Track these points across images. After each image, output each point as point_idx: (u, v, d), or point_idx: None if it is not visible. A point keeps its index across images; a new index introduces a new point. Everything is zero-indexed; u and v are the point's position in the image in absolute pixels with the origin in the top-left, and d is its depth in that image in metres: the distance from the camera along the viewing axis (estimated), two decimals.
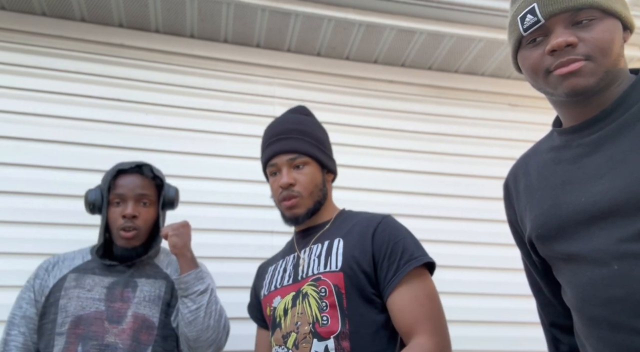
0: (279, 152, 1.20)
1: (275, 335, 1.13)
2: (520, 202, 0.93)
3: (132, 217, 1.31)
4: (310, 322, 1.04)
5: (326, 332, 1.01)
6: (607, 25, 0.75)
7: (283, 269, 1.21)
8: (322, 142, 1.25)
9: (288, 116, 1.29)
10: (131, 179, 1.36)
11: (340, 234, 1.14)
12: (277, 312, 1.14)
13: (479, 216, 2.23)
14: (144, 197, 1.36)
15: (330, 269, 1.07)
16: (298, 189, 1.17)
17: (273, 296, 1.18)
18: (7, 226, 1.79)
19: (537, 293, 1.00)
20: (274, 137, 1.23)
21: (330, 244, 1.13)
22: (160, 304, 1.30)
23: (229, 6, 2.03)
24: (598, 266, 0.72)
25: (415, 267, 1.04)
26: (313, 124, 1.27)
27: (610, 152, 0.75)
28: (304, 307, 1.07)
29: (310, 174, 1.19)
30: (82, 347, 1.18)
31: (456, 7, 2.11)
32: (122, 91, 2.07)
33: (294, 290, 1.12)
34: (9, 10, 2.03)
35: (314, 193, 1.19)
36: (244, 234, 1.99)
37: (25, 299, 1.30)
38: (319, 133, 1.26)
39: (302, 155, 1.19)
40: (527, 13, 0.79)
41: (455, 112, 2.42)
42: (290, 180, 1.16)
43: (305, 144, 1.20)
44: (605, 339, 0.72)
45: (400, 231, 1.12)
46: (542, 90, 0.84)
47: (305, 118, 1.28)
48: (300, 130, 1.22)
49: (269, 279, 1.24)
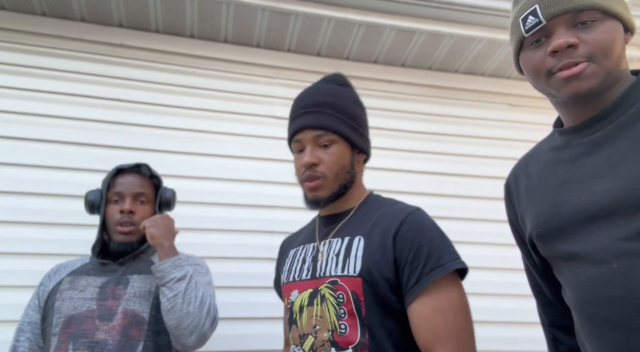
0: (304, 127, 1.07)
1: (292, 333, 1.07)
2: (520, 202, 0.93)
3: (130, 212, 1.36)
4: (329, 329, 0.97)
5: (344, 342, 0.94)
6: (608, 26, 0.76)
7: (302, 259, 1.12)
8: (354, 118, 1.10)
9: (320, 86, 1.14)
10: (130, 178, 1.41)
11: (362, 231, 1.03)
12: (294, 307, 1.07)
13: (479, 216, 2.23)
14: (141, 195, 1.40)
15: (348, 274, 0.98)
16: (322, 169, 1.05)
17: (291, 288, 1.10)
18: (7, 226, 1.79)
19: (537, 293, 1.00)
20: (301, 110, 1.10)
21: (350, 243, 1.03)
22: (150, 299, 1.30)
23: (229, 6, 2.03)
24: (598, 265, 0.73)
25: (442, 276, 0.93)
26: (347, 96, 1.12)
27: (610, 152, 0.75)
28: (323, 310, 0.99)
29: (337, 154, 1.06)
30: (72, 345, 1.20)
31: (456, 7, 2.11)
32: (122, 91, 2.07)
33: (311, 287, 1.04)
34: (9, 10, 2.03)
35: (339, 175, 1.06)
36: (244, 234, 1.99)
37: (31, 306, 1.35)
38: (353, 107, 1.11)
39: (329, 133, 1.05)
40: (529, 14, 0.79)
41: (455, 112, 2.42)
42: (313, 159, 1.05)
43: (333, 120, 1.06)
44: (605, 337, 0.72)
45: (427, 230, 0.99)
46: (544, 91, 0.84)
47: (339, 89, 1.13)
48: (331, 103, 1.08)
49: (288, 266, 1.16)
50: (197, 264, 1.42)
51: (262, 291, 1.92)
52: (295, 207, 2.06)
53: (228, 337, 1.83)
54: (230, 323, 1.85)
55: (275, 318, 1.90)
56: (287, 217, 2.05)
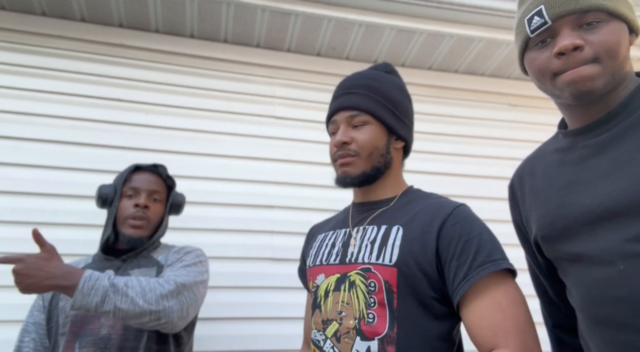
0: (340, 109, 1.06)
1: (315, 317, 1.02)
2: (525, 203, 0.93)
3: (145, 207, 1.37)
4: (356, 317, 0.92)
5: (371, 332, 0.90)
6: (613, 27, 0.76)
7: (332, 244, 1.07)
8: (394, 102, 1.06)
9: (365, 71, 1.13)
10: (146, 175, 1.44)
11: (400, 221, 0.98)
12: (319, 291, 1.03)
13: (479, 216, 2.22)
14: (156, 193, 1.43)
15: (384, 262, 0.93)
16: (354, 147, 1.02)
17: (317, 272, 1.06)
18: (7, 226, 1.79)
19: (541, 294, 1.00)
20: (340, 92, 1.09)
21: (387, 231, 0.98)
22: None
23: (229, 6, 2.03)
24: (604, 266, 0.73)
25: (493, 272, 0.86)
26: (390, 82, 1.09)
27: (616, 154, 0.75)
28: (351, 297, 0.95)
29: (370, 134, 1.02)
30: (79, 344, 1.22)
31: (456, 7, 2.11)
32: (122, 91, 2.07)
33: (339, 272, 1.00)
34: (9, 10, 2.02)
35: (373, 155, 1.02)
36: (244, 234, 1.99)
37: (35, 307, 1.35)
38: (395, 92, 1.07)
39: (363, 113, 1.03)
40: (535, 15, 0.80)
41: (455, 112, 2.42)
42: (345, 138, 1.02)
43: (369, 101, 1.04)
44: (610, 338, 0.73)
45: (476, 226, 0.93)
46: (549, 92, 0.84)
47: (383, 75, 1.10)
48: (370, 86, 1.05)
49: (316, 250, 1.11)
50: (188, 251, 1.37)
51: (262, 291, 1.92)
52: (296, 207, 2.07)
53: (228, 337, 1.83)
54: (230, 323, 1.85)
55: (275, 318, 1.90)
56: (287, 217, 2.05)
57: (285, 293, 1.92)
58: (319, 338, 0.99)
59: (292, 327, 1.83)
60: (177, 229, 1.87)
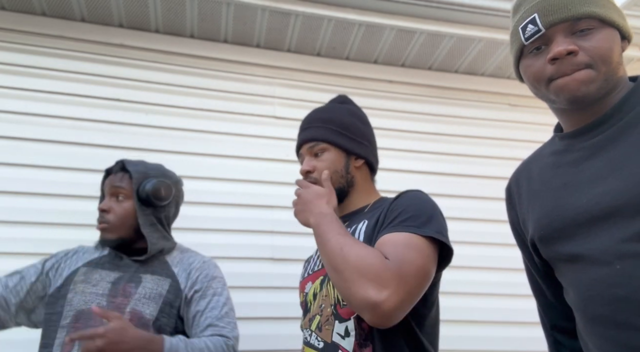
0: (302, 143, 1.22)
1: (304, 320, 1.13)
2: (522, 205, 0.94)
3: (102, 210, 1.37)
4: (332, 303, 1.02)
5: (346, 313, 0.98)
6: (605, 34, 0.78)
7: (317, 256, 1.19)
8: (347, 127, 1.20)
9: (321, 106, 1.30)
10: (111, 176, 1.42)
11: (366, 217, 1.10)
12: (308, 297, 1.14)
13: (479, 216, 2.23)
14: (118, 192, 1.39)
15: None
16: (315, 175, 1.16)
17: (305, 283, 1.18)
18: (7, 226, 1.79)
19: (538, 296, 1.00)
20: (302, 127, 1.25)
21: (355, 228, 1.09)
22: (160, 303, 1.30)
23: (229, 6, 2.03)
24: (601, 266, 0.73)
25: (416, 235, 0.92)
26: (341, 110, 1.24)
27: (611, 155, 0.76)
28: (328, 289, 1.05)
29: (328, 161, 1.17)
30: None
31: (456, 7, 2.11)
32: (122, 91, 2.07)
33: (322, 274, 1.10)
34: (9, 10, 2.03)
35: (333, 179, 1.15)
36: (244, 234, 1.99)
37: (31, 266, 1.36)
38: (347, 118, 1.22)
39: (319, 142, 1.18)
40: (528, 23, 0.82)
41: (455, 112, 2.42)
42: (307, 167, 1.17)
43: (324, 131, 1.19)
44: (608, 337, 0.73)
45: (421, 202, 1.01)
46: (544, 98, 0.86)
47: (334, 106, 1.27)
48: (323, 118, 1.21)
49: (305, 267, 1.25)
50: (214, 277, 1.42)
51: (262, 291, 1.92)
52: None
53: None
54: None
55: (275, 318, 1.90)
56: (287, 217, 2.05)
57: (285, 293, 1.93)
58: (306, 335, 1.10)
59: (292, 327, 1.83)
60: (177, 229, 1.87)
